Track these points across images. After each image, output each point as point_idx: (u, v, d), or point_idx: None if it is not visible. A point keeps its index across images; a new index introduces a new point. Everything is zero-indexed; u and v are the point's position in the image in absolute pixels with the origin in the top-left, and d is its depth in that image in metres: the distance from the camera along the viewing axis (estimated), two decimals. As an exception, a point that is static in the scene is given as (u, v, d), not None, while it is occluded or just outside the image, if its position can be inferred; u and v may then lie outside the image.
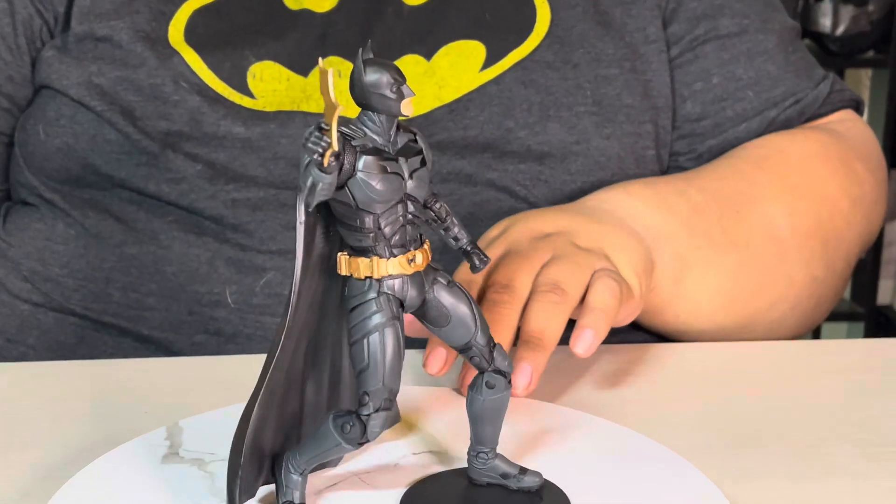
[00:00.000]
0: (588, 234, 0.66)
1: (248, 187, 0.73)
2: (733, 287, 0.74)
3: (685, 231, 0.72)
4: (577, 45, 0.79)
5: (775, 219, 0.77)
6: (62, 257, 0.76)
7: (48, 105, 0.76)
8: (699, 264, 0.72)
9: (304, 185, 0.43)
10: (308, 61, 0.76)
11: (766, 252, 0.76)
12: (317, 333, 0.48)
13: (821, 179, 0.80)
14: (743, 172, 0.78)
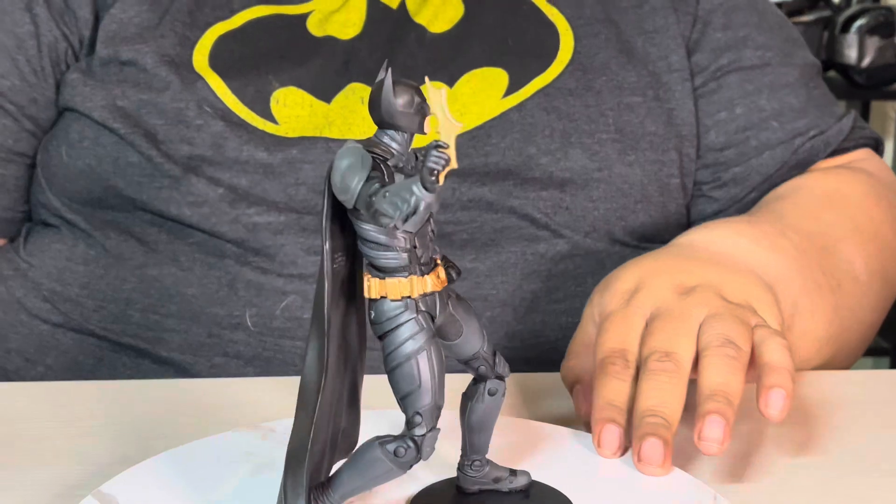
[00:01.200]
0: (733, 288, 0.62)
1: (269, 212, 0.73)
2: (828, 331, 0.72)
3: (796, 274, 0.69)
4: (600, 72, 0.79)
5: (855, 261, 0.76)
6: (82, 278, 0.76)
7: (71, 127, 0.77)
8: (807, 309, 0.69)
9: (401, 208, 0.42)
10: (331, 88, 0.77)
11: (851, 295, 0.75)
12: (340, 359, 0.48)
13: (878, 220, 0.80)
14: (815, 213, 0.77)
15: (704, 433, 0.52)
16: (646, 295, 0.61)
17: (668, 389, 0.55)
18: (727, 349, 0.56)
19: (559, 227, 0.76)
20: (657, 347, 0.57)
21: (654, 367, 0.56)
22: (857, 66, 2.26)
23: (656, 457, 0.52)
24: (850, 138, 0.85)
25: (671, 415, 0.54)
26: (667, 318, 0.59)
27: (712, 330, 0.57)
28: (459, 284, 0.73)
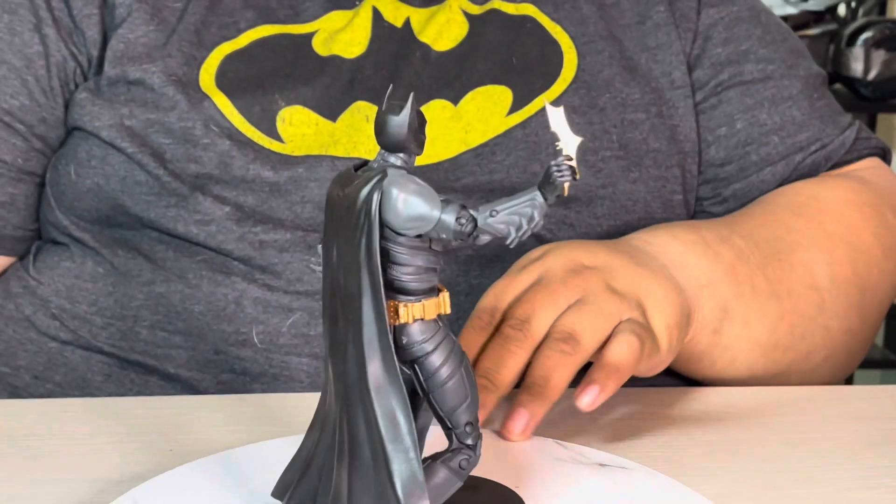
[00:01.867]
0: (626, 277, 0.64)
1: (275, 230, 0.74)
2: (772, 337, 0.73)
3: (729, 280, 0.71)
4: (604, 89, 0.80)
5: (815, 267, 0.76)
6: (90, 295, 0.77)
7: (80, 146, 0.77)
8: (740, 315, 0.71)
9: (522, 225, 0.43)
10: (337, 106, 0.77)
11: (806, 301, 0.75)
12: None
13: (855, 227, 0.80)
14: (781, 219, 0.78)
15: (508, 424, 0.57)
16: (540, 264, 0.64)
17: (508, 357, 0.58)
18: (564, 344, 0.58)
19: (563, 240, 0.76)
20: (516, 314, 0.60)
21: (506, 332, 0.59)
22: (863, 79, 2.26)
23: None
24: (853, 150, 0.85)
25: (501, 381, 0.58)
26: (539, 290, 0.61)
27: (564, 320, 0.60)
28: (465, 300, 0.74)
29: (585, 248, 0.66)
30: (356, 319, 0.44)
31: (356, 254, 0.43)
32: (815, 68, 0.87)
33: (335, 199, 0.45)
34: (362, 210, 0.43)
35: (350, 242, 0.44)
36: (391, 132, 0.44)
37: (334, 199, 0.45)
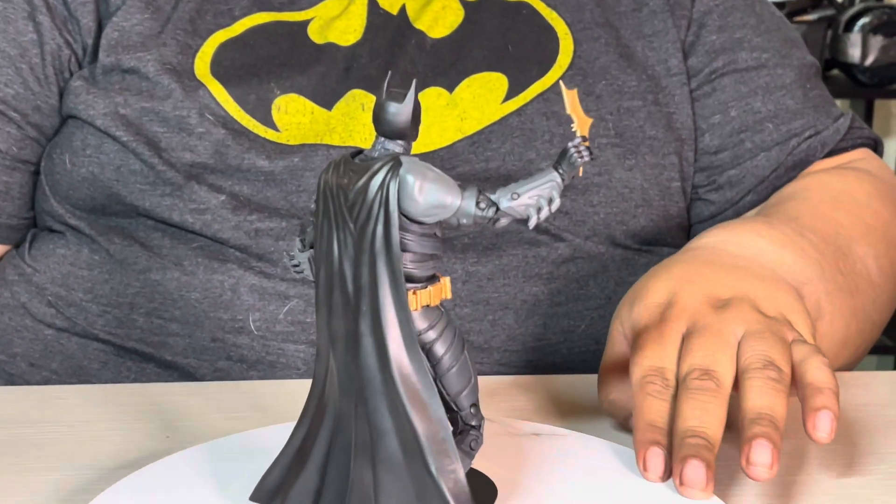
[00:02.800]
0: (766, 299, 0.61)
1: (271, 218, 0.74)
2: (845, 334, 0.72)
3: (819, 277, 0.69)
4: (600, 77, 0.80)
5: (868, 262, 0.75)
6: (86, 283, 0.77)
7: (74, 135, 0.77)
8: (828, 313, 0.69)
9: (543, 206, 0.43)
10: (332, 95, 0.77)
11: (866, 297, 0.74)
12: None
13: (886, 221, 0.80)
14: (826, 214, 0.76)
15: (753, 458, 0.50)
16: (680, 310, 0.59)
17: (709, 409, 0.53)
18: (769, 371, 0.54)
19: (559, 231, 0.77)
20: (697, 365, 0.55)
21: (694, 385, 0.54)
22: (860, 64, 2.26)
23: (699, 479, 0.50)
24: (848, 138, 0.85)
25: (713, 435, 0.52)
26: (705, 335, 0.57)
27: (752, 350, 0.56)
28: (462, 287, 0.74)
29: (707, 277, 0.62)
30: (373, 310, 0.43)
31: (368, 244, 0.43)
32: (809, 58, 0.87)
33: (333, 189, 0.44)
34: (376, 199, 0.43)
35: (361, 233, 0.43)
36: (394, 120, 0.44)
37: (332, 188, 0.44)
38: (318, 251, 0.45)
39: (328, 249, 0.45)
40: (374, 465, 0.44)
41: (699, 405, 0.53)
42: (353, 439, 0.45)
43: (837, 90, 2.28)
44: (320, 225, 0.45)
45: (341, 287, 0.44)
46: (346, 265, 0.44)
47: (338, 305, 0.44)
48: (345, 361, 0.45)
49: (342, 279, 0.44)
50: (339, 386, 0.45)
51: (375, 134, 0.45)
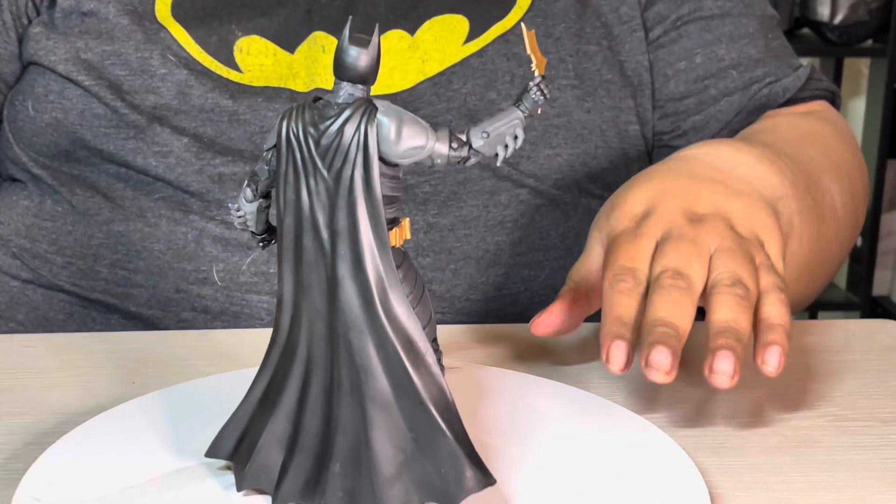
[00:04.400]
0: (739, 216, 0.62)
1: (234, 162, 0.75)
2: (810, 257, 0.73)
3: (793, 194, 0.70)
4: (560, 19, 0.81)
5: (834, 194, 0.78)
6: (50, 234, 0.78)
7: (36, 81, 0.78)
8: (798, 231, 0.71)
9: (511, 144, 0.45)
10: (294, 37, 0.78)
11: (830, 225, 0.76)
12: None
13: (848, 161, 0.83)
14: (798, 146, 0.78)
15: (716, 366, 0.52)
16: (657, 219, 0.61)
17: (680, 304, 0.55)
18: (737, 288, 0.56)
19: (522, 177, 0.78)
20: (669, 266, 0.57)
21: (667, 283, 0.56)
22: (829, 22, 2.28)
23: (664, 364, 0.52)
24: (807, 88, 0.87)
25: (682, 327, 0.54)
26: (679, 241, 0.59)
27: (724, 266, 0.57)
28: (423, 238, 0.75)
29: (686, 189, 0.63)
30: (354, 253, 0.44)
31: (346, 189, 0.44)
32: (770, 10, 0.89)
33: (299, 136, 0.44)
34: (353, 143, 0.44)
35: (337, 177, 0.44)
36: (357, 65, 0.44)
37: (297, 135, 0.44)
38: (281, 199, 0.45)
39: (296, 197, 0.45)
40: (363, 404, 0.44)
41: (670, 299, 0.55)
42: (331, 382, 0.45)
43: (807, 48, 2.30)
44: (284, 173, 0.45)
45: (314, 233, 0.44)
46: (319, 211, 0.44)
47: (309, 251, 0.45)
48: (320, 307, 0.45)
49: (314, 225, 0.44)
50: (311, 332, 0.45)
51: (340, 80, 0.45)
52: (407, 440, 0.44)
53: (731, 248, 0.59)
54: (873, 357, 0.68)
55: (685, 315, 0.55)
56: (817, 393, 0.63)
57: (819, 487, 0.52)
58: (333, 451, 0.45)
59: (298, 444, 0.46)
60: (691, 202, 0.62)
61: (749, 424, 0.59)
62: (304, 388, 0.46)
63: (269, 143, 0.46)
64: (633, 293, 0.57)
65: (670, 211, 0.61)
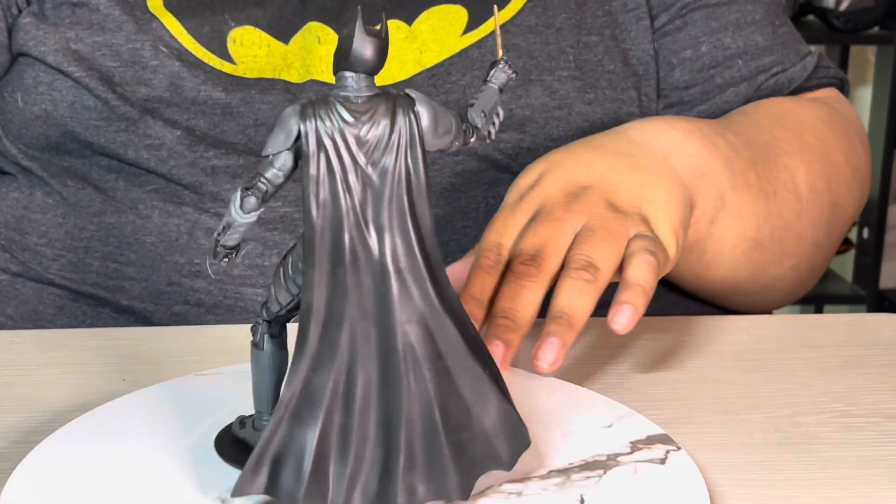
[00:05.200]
0: (627, 189, 0.64)
1: (228, 155, 0.75)
2: (757, 234, 0.75)
3: (726, 170, 0.71)
4: (560, 9, 0.81)
5: (797, 175, 0.78)
6: (40, 227, 0.78)
7: (26, 72, 0.77)
8: (734, 206, 0.72)
9: (495, 121, 0.47)
10: (289, 28, 0.77)
11: (788, 206, 0.77)
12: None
13: (830, 144, 0.82)
14: (766, 126, 0.79)
15: (539, 353, 0.56)
16: (537, 192, 0.64)
17: (523, 294, 0.58)
18: (584, 273, 0.59)
19: (520, 168, 0.77)
20: (525, 249, 0.60)
21: (519, 269, 0.59)
22: (835, 9, 2.27)
23: (497, 356, 0.56)
24: (814, 77, 0.87)
25: (522, 318, 0.58)
26: (543, 222, 0.61)
27: (577, 249, 0.60)
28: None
29: (579, 163, 0.66)
30: (405, 245, 0.44)
31: (392, 181, 0.44)
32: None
33: (334, 133, 0.43)
34: (397, 135, 0.44)
35: (382, 173, 0.44)
36: (373, 57, 0.44)
37: (331, 133, 0.43)
38: (312, 202, 0.44)
39: (332, 198, 0.44)
40: (429, 391, 0.44)
41: (516, 288, 0.58)
42: (388, 379, 0.44)
43: (812, 35, 2.29)
44: (316, 175, 0.44)
45: (357, 231, 0.44)
46: (362, 208, 0.44)
47: (352, 250, 0.44)
48: (368, 304, 0.44)
49: (358, 223, 0.44)
50: (354, 333, 0.44)
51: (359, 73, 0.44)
52: (470, 417, 0.45)
53: (594, 226, 0.61)
54: (877, 352, 0.68)
55: (528, 305, 0.58)
56: (820, 388, 0.63)
57: (822, 485, 0.52)
58: (398, 446, 0.44)
59: (355, 451, 0.44)
60: (579, 174, 0.65)
61: (750, 421, 0.59)
62: (348, 395, 0.44)
63: (279, 146, 0.44)
64: (491, 271, 0.60)
65: (553, 185, 0.64)
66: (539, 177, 0.65)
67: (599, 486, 0.49)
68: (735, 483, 0.52)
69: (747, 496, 0.51)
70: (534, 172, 0.66)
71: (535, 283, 0.59)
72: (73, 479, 0.48)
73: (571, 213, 0.62)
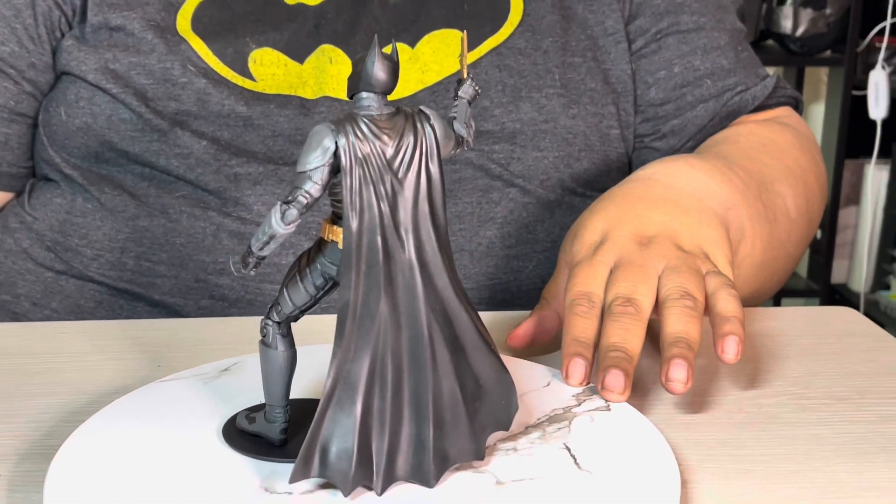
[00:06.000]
0: (687, 234, 0.64)
1: (249, 163, 0.75)
2: (763, 258, 0.74)
3: (743, 203, 0.71)
4: (547, 34, 0.81)
5: (787, 199, 0.78)
6: (81, 229, 0.78)
7: (69, 89, 0.78)
8: (751, 236, 0.72)
9: (472, 129, 0.47)
10: (304, 49, 0.78)
11: (783, 228, 0.77)
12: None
13: (804, 168, 0.83)
14: (754, 156, 0.79)
15: (671, 375, 0.54)
16: (610, 246, 0.62)
17: (630, 329, 0.56)
18: (685, 301, 0.57)
19: (512, 177, 0.78)
20: (620, 293, 0.58)
21: (618, 310, 0.57)
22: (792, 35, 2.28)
23: (618, 385, 0.54)
24: (773, 96, 0.88)
25: (632, 350, 0.55)
26: (628, 268, 0.60)
27: (671, 283, 0.59)
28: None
29: (638, 216, 0.65)
30: (437, 239, 0.45)
31: (415, 187, 0.44)
32: (739, 23, 0.89)
33: (365, 150, 0.44)
34: (420, 146, 0.44)
35: (403, 180, 0.44)
36: (391, 77, 0.45)
37: (363, 150, 0.44)
38: (350, 210, 0.44)
39: (367, 205, 0.44)
40: (458, 366, 0.46)
41: (621, 326, 0.56)
42: (420, 361, 0.45)
43: (772, 58, 2.30)
44: (351, 185, 0.44)
45: (392, 232, 0.44)
46: (393, 212, 0.44)
47: (385, 251, 0.44)
48: (402, 297, 0.44)
49: (392, 225, 0.44)
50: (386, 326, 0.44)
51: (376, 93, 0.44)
52: (481, 388, 0.47)
53: (677, 265, 0.60)
54: (830, 341, 0.68)
55: (634, 338, 0.56)
56: (779, 373, 0.63)
57: (780, 459, 0.53)
58: (428, 419, 0.45)
59: (392, 428, 0.45)
60: (641, 226, 0.63)
61: (716, 403, 0.59)
62: (382, 379, 0.45)
63: (317, 161, 0.44)
64: (588, 315, 0.58)
65: (621, 237, 0.62)
66: (604, 233, 0.63)
67: (572, 434, 0.50)
68: (703, 458, 0.52)
69: (714, 469, 0.51)
70: (595, 229, 0.64)
71: (636, 320, 0.57)
72: (113, 456, 0.48)
73: (650, 258, 0.61)
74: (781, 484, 0.50)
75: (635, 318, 0.57)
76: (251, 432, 0.50)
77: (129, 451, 0.49)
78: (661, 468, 0.48)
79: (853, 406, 0.59)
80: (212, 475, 0.47)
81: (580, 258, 0.63)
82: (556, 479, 0.47)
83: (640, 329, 0.57)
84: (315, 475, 0.44)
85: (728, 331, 0.56)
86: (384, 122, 0.44)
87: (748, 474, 0.51)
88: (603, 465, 0.48)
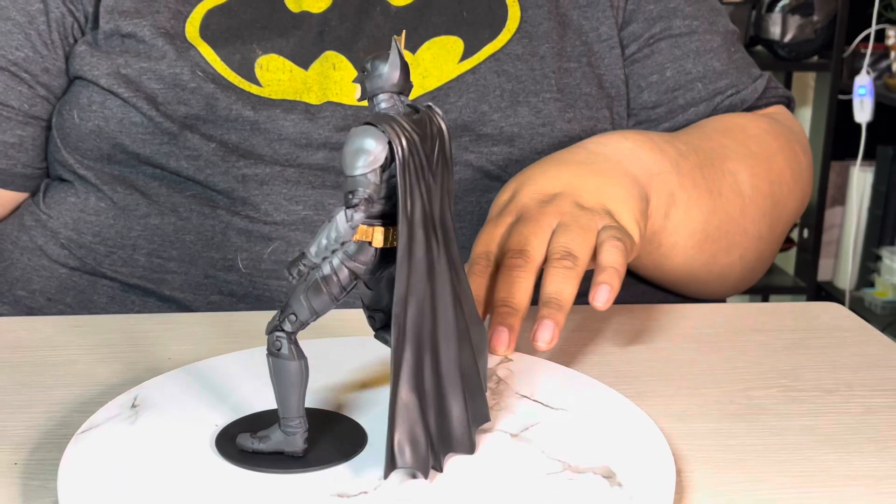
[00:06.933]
0: (590, 191, 0.65)
1: (256, 164, 0.75)
2: (706, 227, 0.75)
3: (674, 170, 0.72)
4: (544, 40, 0.81)
5: (739, 176, 0.79)
6: (94, 227, 0.78)
7: (81, 93, 0.78)
8: (683, 202, 0.73)
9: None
10: (308, 56, 0.78)
11: (732, 203, 0.78)
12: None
13: (772, 151, 0.83)
14: (713, 137, 0.80)
15: (537, 336, 0.57)
16: (514, 205, 0.65)
17: (518, 283, 0.59)
18: (565, 261, 0.59)
19: (510, 177, 0.78)
20: (512, 247, 0.61)
21: (509, 263, 0.60)
22: (780, 41, 2.28)
23: (503, 343, 0.57)
24: (764, 97, 0.88)
25: (518, 303, 0.58)
26: (523, 223, 0.62)
27: (556, 242, 0.61)
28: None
29: (546, 174, 0.67)
30: (450, 231, 0.46)
31: (440, 180, 0.45)
32: (731, 26, 0.89)
33: (414, 149, 0.43)
34: (443, 144, 0.45)
35: (435, 174, 0.44)
36: (406, 78, 0.44)
37: (407, 149, 0.43)
38: (406, 207, 0.43)
39: (416, 201, 0.43)
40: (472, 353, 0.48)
41: (509, 279, 0.59)
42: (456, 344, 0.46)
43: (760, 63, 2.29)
44: (404, 183, 0.43)
45: (433, 224, 0.45)
46: (430, 206, 0.44)
47: (428, 243, 0.44)
48: (441, 285, 0.45)
49: (433, 218, 0.44)
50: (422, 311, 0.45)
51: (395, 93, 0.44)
52: (474, 358, 0.48)
53: (568, 222, 0.62)
54: (818, 335, 0.68)
55: (523, 292, 0.59)
56: (769, 366, 0.63)
57: (770, 450, 0.53)
58: (462, 393, 0.47)
59: (437, 408, 0.46)
60: (548, 185, 0.66)
61: (709, 395, 0.59)
62: (425, 366, 0.45)
63: (371, 161, 0.42)
64: (483, 273, 0.61)
65: (526, 195, 0.65)
66: (513, 192, 0.66)
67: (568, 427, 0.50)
68: (696, 448, 0.52)
69: (707, 459, 0.51)
70: (508, 190, 0.67)
71: (524, 272, 0.59)
72: (124, 444, 0.48)
73: (546, 214, 0.63)
74: (772, 473, 0.50)
75: (524, 269, 0.60)
76: (269, 451, 0.47)
77: (138, 440, 0.49)
78: (656, 457, 0.48)
79: (841, 398, 0.59)
80: (223, 464, 0.47)
81: (490, 217, 0.65)
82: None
83: (528, 280, 0.59)
84: (406, 466, 0.44)
85: (601, 280, 0.58)
86: (411, 119, 0.44)
87: (740, 464, 0.51)
88: (598, 455, 0.48)
